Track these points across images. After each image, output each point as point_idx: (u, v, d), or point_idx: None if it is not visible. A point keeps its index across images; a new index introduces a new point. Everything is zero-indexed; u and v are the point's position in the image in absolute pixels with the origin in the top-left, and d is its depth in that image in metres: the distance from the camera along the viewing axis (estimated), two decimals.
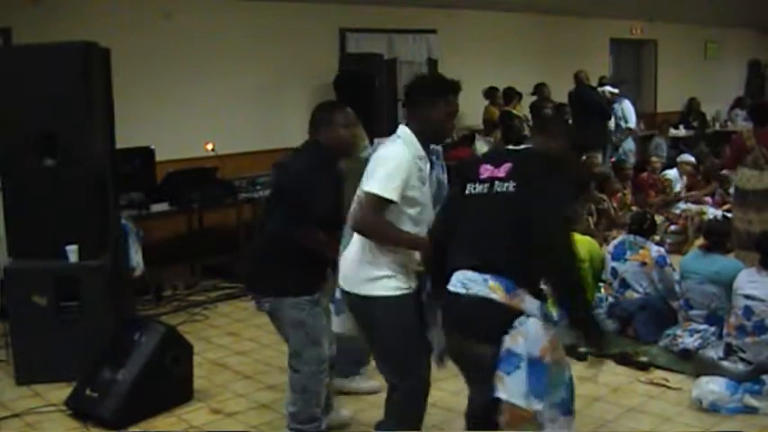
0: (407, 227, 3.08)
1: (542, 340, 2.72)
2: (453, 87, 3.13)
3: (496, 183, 2.85)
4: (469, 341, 2.83)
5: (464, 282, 2.79)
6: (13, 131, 4.69)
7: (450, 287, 2.84)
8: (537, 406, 2.70)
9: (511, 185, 2.81)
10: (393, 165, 3.00)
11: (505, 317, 2.72)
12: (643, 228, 5.56)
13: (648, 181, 8.82)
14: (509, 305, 2.72)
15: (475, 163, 3.02)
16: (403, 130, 3.14)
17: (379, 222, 3.01)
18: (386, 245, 3.06)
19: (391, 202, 2.98)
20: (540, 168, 2.84)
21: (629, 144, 10.31)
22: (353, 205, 3.14)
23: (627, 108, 10.10)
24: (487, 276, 2.74)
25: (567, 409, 2.81)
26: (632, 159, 9.78)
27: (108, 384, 4.12)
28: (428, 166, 3.17)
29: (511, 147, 3.13)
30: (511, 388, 2.69)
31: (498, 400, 2.73)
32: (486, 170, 2.90)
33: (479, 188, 2.89)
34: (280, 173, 3.80)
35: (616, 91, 10.29)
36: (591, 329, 2.86)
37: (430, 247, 3.06)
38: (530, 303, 2.74)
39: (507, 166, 2.86)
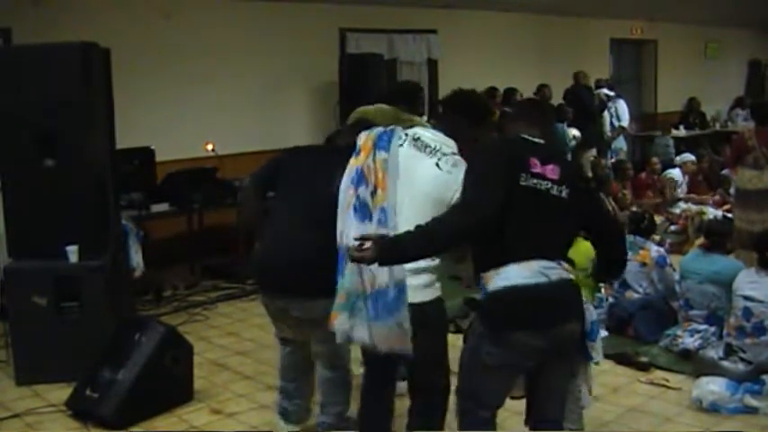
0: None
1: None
2: (485, 108, 3.27)
3: (550, 183, 2.83)
4: (566, 324, 2.87)
5: (541, 271, 2.77)
6: (13, 132, 4.69)
7: (526, 279, 2.75)
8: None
9: (564, 191, 2.85)
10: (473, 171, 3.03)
11: (580, 293, 2.95)
12: (641, 227, 5.56)
13: (647, 181, 8.82)
14: (575, 281, 2.91)
15: (521, 152, 2.88)
16: (451, 144, 3.10)
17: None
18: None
19: None
20: (580, 176, 3.23)
21: (620, 142, 10.36)
22: None
23: (621, 107, 10.15)
24: (559, 261, 2.84)
25: None
26: (623, 158, 9.82)
27: (108, 384, 4.12)
28: None
29: (533, 139, 2.94)
30: (600, 349, 3.44)
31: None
32: (536, 164, 2.84)
33: (534, 182, 2.81)
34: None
35: (612, 94, 10.32)
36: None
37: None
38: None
39: (554, 168, 2.85)
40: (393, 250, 2.65)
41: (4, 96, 4.66)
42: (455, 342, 3.33)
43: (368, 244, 2.59)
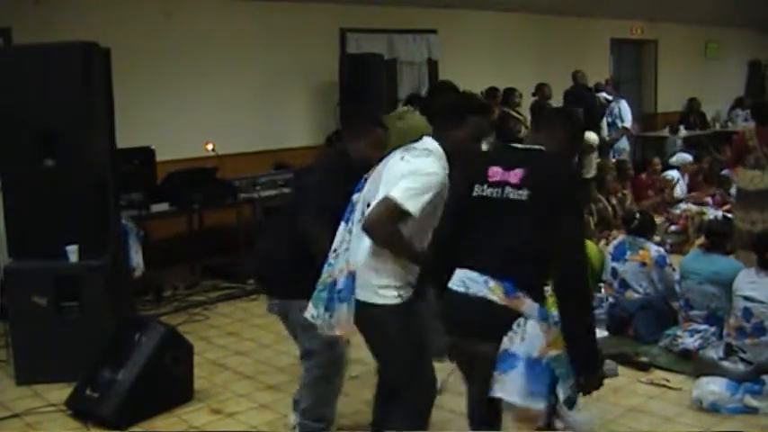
0: (414, 240, 3.05)
1: (540, 341, 2.71)
2: (478, 108, 3.15)
3: (508, 188, 2.81)
4: (471, 340, 2.84)
5: (464, 281, 2.80)
6: (13, 132, 4.69)
7: (452, 285, 2.84)
8: (538, 405, 2.70)
9: (524, 194, 2.78)
10: (426, 181, 2.94)
11: (504, 318, 2.73)
12: (631, 226, 5.56)
13: (647, 181, 8.83)
14: (508, 306, 2.73)
15: (482, 163, 2.94)
16: (434, 145, 3.08)
17: (394, 232, 2.96)
18: (393, 254, 3.02)
19: (410, 216, 2.93)
20: (553, 177, 2.83)
21: (623, 143, 10.35)
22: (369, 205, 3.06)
23: (624, 108, 10.13)
24: (488, 278, 2.75)
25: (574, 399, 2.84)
26: (625, 158, 9.80)
27: (108, 384, 4.12)
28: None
29: (518, 146, 3.01)
30: (507, 387, 2.71)
31: (494, 399, 2.74)
32: (496, 173, 2.85)
33: (489, 191, 2.84)
34: (302, 176, 3.77)
35: (611, 98, 10.31)
36: (591, 360, 2.81)
37: (429, 259, 3.06)
38: (529, 306, 2.74)
39: (519, 172, 2.82)
40: None
41: (4, 96, 4.66)
42: None
43: None
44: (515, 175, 2.82)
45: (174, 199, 6.61)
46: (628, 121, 10.13)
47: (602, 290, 5.60)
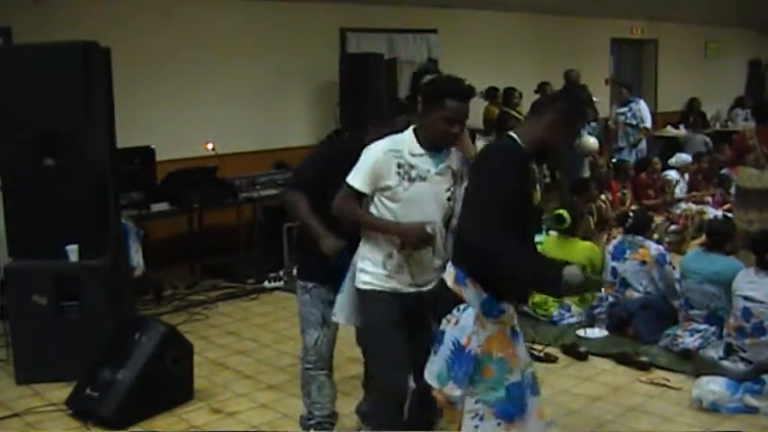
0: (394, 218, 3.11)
1: (469, 330, 2.75)
2: (454, 92, 2.99)
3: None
4: (432, 318, 2.98)
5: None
6: (13, 131, 4.69)
7: None
8: (454, 391, 2.77)
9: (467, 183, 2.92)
10: (363, 157, 3.09)
11: (450, 301, 2.81)
12: (626, 225, 5.57)
13: (647, 181, 8.82)
14: (454, 291, 2.81)
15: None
16: (407, 131, 3.14)
17: (345, 206, 3.11)
18: (357, 227, 3.16)
19: (356, 191, 3.06)
20: (480, 155, 2.91)
21: (642, 143, 10.28)
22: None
23: (643, 108, 10.05)
24: (450, 264, 2.88)
25: (506, 415, 2.77)
26: (626, 158, 9.77)
27: (108, 384, 4.12)
28: (435, 165, 3.07)
29: None
30: (430, 367, 2.84)
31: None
32: None
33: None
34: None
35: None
36: (550, 282, 2.66)
37: (409, 233, 3.03)
38: (471, 295, 2.78)
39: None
40: None
41: (4, 96, 4.66)
42: None
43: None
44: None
45: (174, 199, 6.60)
46: (648, 122, 10.08)
47: (603, 290, 5.60)
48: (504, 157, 2.76)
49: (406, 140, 3.08)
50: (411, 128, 3.13)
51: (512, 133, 2.82)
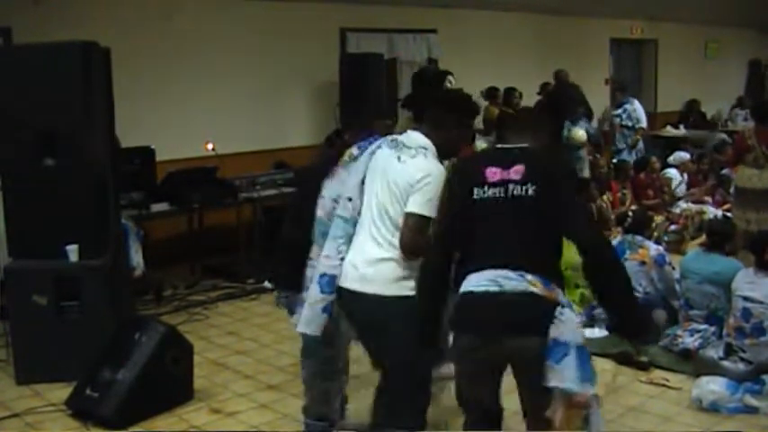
0: None
1: (580, 330, 2.84)
2: (475, 112, 3.25)
3: (511, 186, 2.83)
4: (511, 336, 2.80)
5: (496, 280, 2.78)
6: (13, 131, 4.69)
7: (477, 287, 2.80)
8: (590, 390, 2.79)
9: (530, 189, 2.81)
10: (437, 186, 3.04)
11: (547, 309, 2.75)
12: (625, 225, 5.56)
13: (647, 181, 8.83)
14: (548, 297, 2.76)
15: (477, 165, 2.97)
16: (427, 142, 3.12)
17: (427, 241, 3.04)
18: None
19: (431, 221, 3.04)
20: (555, 170, 2.91)
21: (639, 143, 10.29)
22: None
23: (638, 109, 10.06)
24: (523, 273, 2.77)
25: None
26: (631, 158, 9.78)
27: (108, 384, 4.12)
28: None
29: (507, 146, 3.00)
30: (563, 375, 2.74)
31: (547, 390, 2.77)
32: (494, 173, 2.87)
33: (492, 192, 2.86)
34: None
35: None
36: (646, 327, 3.01)
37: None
38: (561, 295, 2.81)
39: (519, 168, 2.84)
40: None
41: (4, 96, 4.66)
42: None
43: None
44: (516, 172, 2.84)
45: (173, 199, 6.60)
46: (643, 122, 10.09)
47: None
48: (573, 172, 3.00)
49: (436, 155, 3.14)
50: (428, 141, 3.12)
51: (526, 146, 2.94)
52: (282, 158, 7.77)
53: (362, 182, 3.23)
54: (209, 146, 7.04)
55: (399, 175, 3.08)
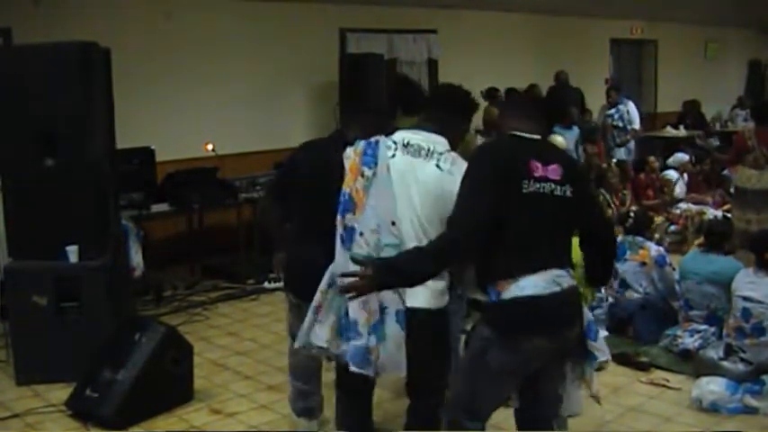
0: None
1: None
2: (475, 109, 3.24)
3: (553, 185, 2.77)
4: (568, 329, 2.86)
5: (555, 280, 2.77)
6: (13, 131, 4.69)
7: (542, 290, 2.73)
8: (607, 356, 3.23)
9: (568, 191, 2.80)
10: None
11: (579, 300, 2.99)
12: (626, 225, 5.57)
13: (646, 181, 8.83)
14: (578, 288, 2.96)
15: (520, 156, 2.79)
16: (446, 142, 3.03)
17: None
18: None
19: None
20: (584, 174, 3.19)
21: (630, 144, 10.32)
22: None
23: (632, 110, 10.07)
24: (568, 269, 2.86)
25: None
26: (630, 159, 9.78)
27: (108, 384, 4.12)
28: None
29: (532, 137, 2.86)
30: (604, 348, 3.16)
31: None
32: (537, 167, 2.77)
33: (538, 187, 2.75)
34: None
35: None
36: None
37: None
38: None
39: (556, 168, 2.79)
40: (390, 272, 2.63)
41: (5, 96, 4.66)
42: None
43: (363, 272, 2.57)
44: (554, 171, 2.79)
45: (174, 199, 6.61)
46: (636, 123, 10.10)
47: (603, 290, 5.60)
48: None
49: None
50: (441, 138, 3.03)
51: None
52: (282, 159, 7.72)
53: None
54: (209, 146, 7.04)
55: (444, 185, 2.90)
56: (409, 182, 2.95)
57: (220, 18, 7.79)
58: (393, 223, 2.91)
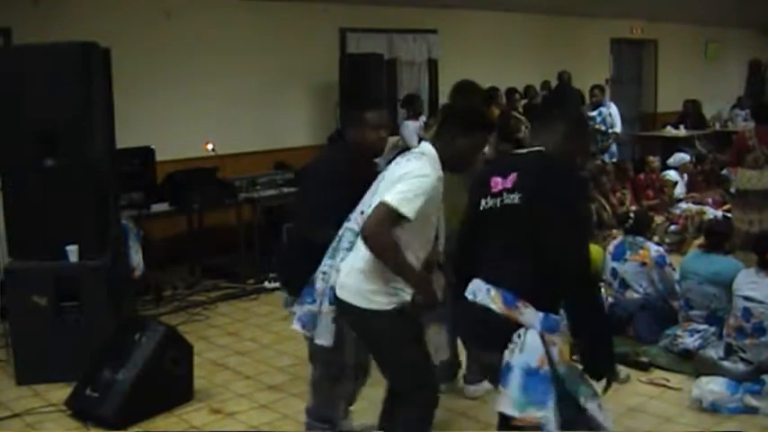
0: (415, 247, 3.02)
1: (540, 352, 2.67)
2: (489, 125, 3.17)
3: (505, 194, 2.79)
4: (480, 349, 2.87)
5: (474, 290, 2.80)
6: (13, 131, 4.69)
7: (465, 294, 2.84)
8: (537, 413, 2.66)
9: (516, 197, 2.75)
10: (419, 183, 2.90)
11: (504, 328, 2.69)
12: (626, 225, 5.57)
13: (646, 181, 8.84)
14: (507, 317, 2.70)
15: (487, 176, 2.91)
16: (428, 148, 3.06)
17: (390, 240, 2.89)
18: (386, 265, 2.96)
19: (407, 219, 2.88)
20: (545, 176, 2.76)
21: (613, 147, 10.30)
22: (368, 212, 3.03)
23: (614, 113, 10.07)
24: (490, 287, 2.74)
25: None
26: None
27: (108, 384, 4.12)
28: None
29: (518, 152, 3.00)
30: (505, 400, 2.70)
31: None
32: (497, 183, 2.83)
33: (491, 202, 2.83)
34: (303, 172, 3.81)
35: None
36: (605, 363, 2.76)
37: (426, 286, 3.03)
38: (529, 316, 2.69)
39: (513, 176, 2.79)
40: None
41: (5, 96, 4.66)
42: None
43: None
44: (510, 180, 2.80)
45: (174, 199, 6.61)
46: (618, 127, 10.11)
47: (602, 290, 5.60)
48: (578, 181, 2.86)
49: (437, 163, 3.03)
50: (432, 149, 3.06)
51: (541, 149, 2.83)
52: (282, 159, 7.77)
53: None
54: (209, 146, 7.04)
55: (389, 175, 3.05)
56: (381, 181, 3.12)
57: (220, 18, 7.79)
58: (361, 212, 3.15)
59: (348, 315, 3.14)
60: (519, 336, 2.67)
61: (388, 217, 2.87)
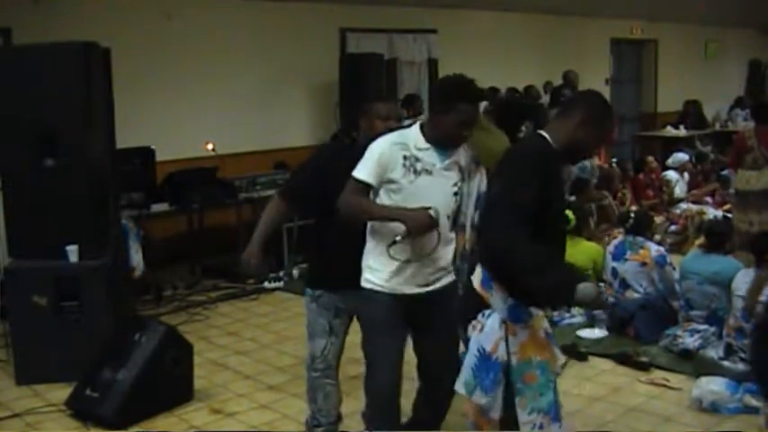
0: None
1: (496, 336, 2.69)
2: (468, 95, 3.00)
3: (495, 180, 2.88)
4: (460, 323, 2.96)
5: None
6: (13, 131, 4.69)
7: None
8: (481, 399, 2.71)
9: (494, 183, 2.85)
10: (369, 151, 3.08)
11: (477, 305, 2.77)
12: (627, 225, 5.57)
13: (645, 181, 8.84)
14: (481, 296, 2.76)
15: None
16: (413, 127, 3.14)
17: (350, 199, 3.07)
18: (362, 218, 3.12)
19: (363, 182, 3.04)
20: (505, 156, 2.82)
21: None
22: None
23: None
24: (478, 266, 2.83)
25: (558, 415, 2.76)
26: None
27: (108, 384, 4.12)
28: (440, 160, 3.06)
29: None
30: (461, 378, 2.80)
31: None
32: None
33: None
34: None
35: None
36: (567, 291, 2.52)
37: (413, 217, 2.96)
38: (498, 300, 2.71)
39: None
40: None
41: (5, 96, 4.65)
42: None
43: None
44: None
45: (174, 199, 6.61)
46: None
47: (603, 289, 5.59)
48: (532, 156, 2.69)
49: (412, 134, 3.09)
50: (417, 123, 3.14)
51: (542, 132, 2.77)
52: (282, 158, 7.77)
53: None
54: (209, 146, 7.04)
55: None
56: None
57: (220, 18, 7.79)
58: None
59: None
60: (483, 315, 2.74)
61: (351, 184, 3.08)
